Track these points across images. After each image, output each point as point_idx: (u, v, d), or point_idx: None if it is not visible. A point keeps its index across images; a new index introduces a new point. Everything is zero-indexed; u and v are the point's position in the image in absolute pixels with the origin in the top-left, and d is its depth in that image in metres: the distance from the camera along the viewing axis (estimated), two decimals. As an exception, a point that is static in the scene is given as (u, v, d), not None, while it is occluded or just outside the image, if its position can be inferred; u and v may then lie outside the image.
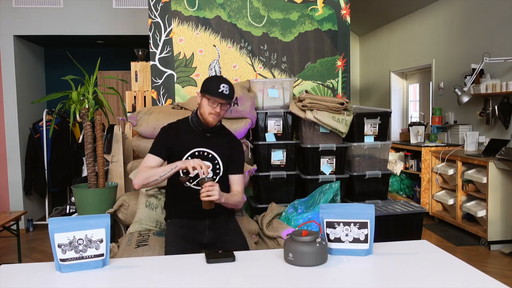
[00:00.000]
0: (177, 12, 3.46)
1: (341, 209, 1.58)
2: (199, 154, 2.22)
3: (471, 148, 4.89)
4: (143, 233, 2.62)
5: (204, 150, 2.24)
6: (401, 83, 7.27)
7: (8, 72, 5.21)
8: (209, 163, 2.20)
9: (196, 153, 2.22)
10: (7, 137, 5.24)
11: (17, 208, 5.24)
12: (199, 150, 2.23)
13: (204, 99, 2.19)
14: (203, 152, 2.24)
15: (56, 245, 1.43)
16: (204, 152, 2.24)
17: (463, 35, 5.34)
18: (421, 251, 1.61)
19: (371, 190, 3.24)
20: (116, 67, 6.15)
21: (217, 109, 2.18)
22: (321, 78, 3.62)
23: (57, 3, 5.12)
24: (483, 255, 4.11)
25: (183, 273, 1.45)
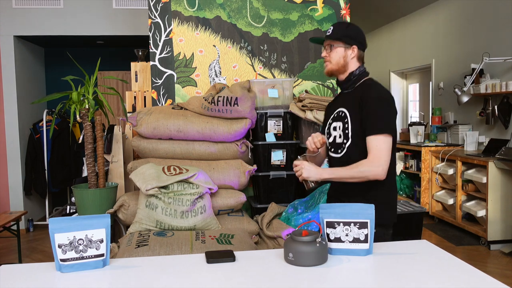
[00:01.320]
0: (177, 12, 3.46)
1: (341, 209, 1.58)
2: (336, 116, 1.99)
3: (471, 148, 4.90)
4: (143, 233, 2.62)
5: (340, 109, 1.97)
6: (401, 83, 7.27)
7: (8, 73, 5.21)
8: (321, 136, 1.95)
9: (335, 114, 2.00)
10: (7, 137, 5.24)
11: (18, 208, 5.24)
12: (338, 111, 1.99)
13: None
14: (339, 112, 1.98)
15: (57, 245, 1.43)
16: (340, 111, 1.97)
17: (462, 35, 5.34)
18: (421, 251, 1.61)
19: (371, 190, 3.24)
20: (116, 67, 6.15)
21: (323, 54, 1.98)
22: (321, 78, 3.63)
23: (57, 4, 5.12)
24: (483, 255, 4.11)
25: (183, 273, 1.45)
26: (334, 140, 1.97)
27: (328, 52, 1.95)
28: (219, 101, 3.04)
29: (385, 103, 1.86)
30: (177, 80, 3.49)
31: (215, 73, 3.51)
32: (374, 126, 1.82)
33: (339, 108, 1.98)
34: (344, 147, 1.91)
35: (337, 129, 1.95)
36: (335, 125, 1.98)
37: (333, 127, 1.98)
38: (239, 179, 3.02)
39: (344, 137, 1.91)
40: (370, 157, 1.81)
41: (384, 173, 1.81)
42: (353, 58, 1.94)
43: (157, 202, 2.70)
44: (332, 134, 1.98)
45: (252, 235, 2.84)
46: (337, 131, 1.95)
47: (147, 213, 2.69)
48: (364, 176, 1.81)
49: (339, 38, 1.92)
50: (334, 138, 1.97)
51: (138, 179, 2.72)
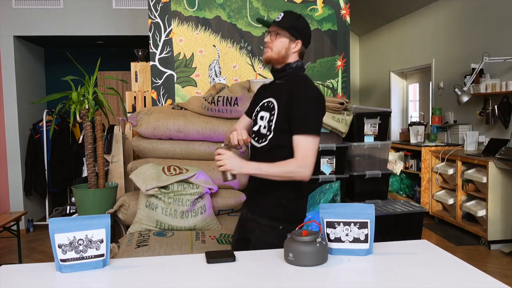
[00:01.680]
0: (177, 12, 3.46)
1: (341, 209, 1.58)
2: (265, 105, 1.92)
3: (471, 148, 4.90)
4: (143, 233, 2.62)
5: (269, 100, 1.90)
6: (401, 83, 7.27)
7: (8, 73, 5.21)
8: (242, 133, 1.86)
9: (264, 104, 1.93)
10: (7, 138, 5.24)
11: (17, 208, 5.24)
12: (266, 101, 1.92)
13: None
14: (268, 102, 1.91)
15: (57, 246, 1.43)
16: (269, 102, 1.90)
17: (462, 35, 5.34)
18: (421, 251, 1.61)
19: (371, 190, 3.24)
20: (116, 67, 6.15)
21: (267, 39, 1.89)
22: (321, 78, 3.63)
23: (57, 4, 5.12)
24: (483, 255, 4.11)
25: (183, 273, 1.45)
26: (259, 129, 1.91)
27: (273, 39, 1.88)
28: (219, 101, 3.04)
29: (316, 103, 1.80)
30: (177, 80, 3.49)
31: (215, 73, 3.51)
32: (304, 126, 1.76)
33: (269, 98, 1.91)
34: (266, 139, 1.86)
35: (264, 119, 1.89)
36: (262, 115, 1.91)
37: (260, 116, 1.92)
38: (239, 179, 3.02)
39: (268, 129, 1.85)
40: (298, 158, 1.74)
41: (310, 174, 1.76)
42: (294, 52, 1.91)
43: (157, 202, 2.70)
44: (258, 123, 1.92)
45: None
46: (263, 122, 1.89)
47: (147, 213, 2.69)
48: (291, 176, 1.75)
49: (287, 28, 1.87)
50: (259, 127, 1.91)
51: (138, 179, 2.72)
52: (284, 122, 1.80)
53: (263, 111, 1.91)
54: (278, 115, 1.81)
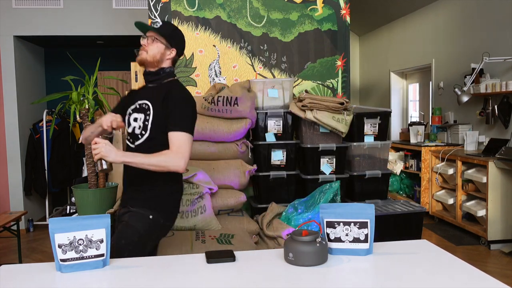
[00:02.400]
0: (177, 12, 3.46)
1: (341, 209, 1.58)
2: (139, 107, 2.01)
3: (471, 148, 4.90)
4: (143, 233, 2.62)
5: (144, 102, 2.00)
6: (401, 83, 7.27)
7: (8, 73, 5.21)
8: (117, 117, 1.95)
9: (137, 105, 2.02)
10: (7, 138, 5.24)
11: (18, 208, 5.24)
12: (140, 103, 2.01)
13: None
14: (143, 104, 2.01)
15: (57, 245, 1.43)
16: (144, 104, 2.00)
17: (462, 34, 5.34)
18: (421, 251, 1.61)
19: (371, 189, 3.24)
20: (116, 67, 6.15)
21: (143, 42, 2.02)
22: (321, 78, 3.63)
23: (57, 4, 5.12)
24: (483, 255, 4.11)
25: (183, 273, 1.45)
26: (133, 130, 2.00)
27: (149, 43, 2.00)
28: (219, 101, 3.04)
29: (190, 105, 1.95)
30: (177, 80, 3.49)
31: (215, 73, 3.51)
32: (179, 123, 1.88)
33: (142, 100, 2.00)
34: (141, 138, 1.96)
35: (138, 120, 1.98)
36: (136, 116, 1.99)
37: (134, 118, 2.00)
38: (239, 179, 3.02)
39: (143, 129, 1.95)
40: (173, 149, 1.84)
41: (184, 166, 1.85)
42: (169, 59, 2.03)
43: (157, 202, 2.70)
44: (132, 124, 2.00)
45: (252, 235, 2.84)
46: (137, 122, 1.98)
47: (147, 213, 2.69)
48: (165, 166, 1.83)
49: (165, 35, 2.00)
50: (134, 128, 2.00)
51: (138, 179, 2.71)
52: (160, 121, 1.92)
53: (136, 113, 2.00)
54: (154, 115, 1.93)
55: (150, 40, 1.99)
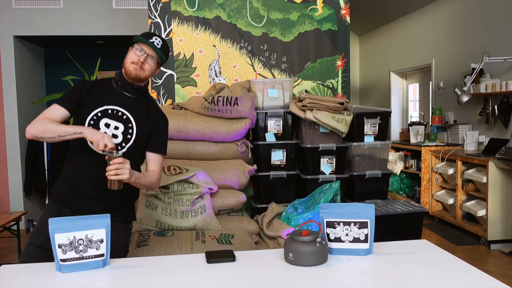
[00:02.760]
0: (177, 12, 3.46)
1: (341, 209, 1.58)
2: (111, 113, 1.91)
3: (471, 148, 4.90)
4: (143, 233, 2.63)
5: (117, 109, 1.92)
6: (401, 82, 7.27)
7: (8, 73, 5.21)
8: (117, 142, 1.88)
9: (109, 111, 1.91)
10: (7, 138, 5.24)
11: (18, 208, 5.24)
12: (112, 108, 1.91)
13: (131, 50, 1.92)
14: (117, 112, 1.92)
15: (57, 246, 1.43)
16: (118, 111, 1.92)
17: (462, 34, 5.34)
18: (421, 251, 1.61)
19: (371, 189, 3.24)
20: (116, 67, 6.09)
21: (141, 58, 1.88)
22: (321, 78, 3.63)
23: (57, 4, 5.12)
24: (483, 255, 4.11)
25: (183, 273, 1.45)
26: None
27: (150, 63, 1.92)
28: (219, 101, 3.04)
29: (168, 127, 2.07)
30: (177, 80, 3.49)
31: (215, 73, 3.51)
32: (164, 147, 2.01)
33: (115, 107, 1.92)
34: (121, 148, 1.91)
35: (117, 129, 1.90)
36: (115, 124, 1.91)
37: (106, 123, 1.90)
38: (239, 179, 3.02)
39: (124, 141, 1.91)
40: (158, 172, 1.96)
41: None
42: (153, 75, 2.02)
43: (157, 202, 2.70)
44: (102, 129, 1.89)
45: (252, 235, 2.84)
46: (116, 131, 1.90)
47: (147, 213, 2.69)
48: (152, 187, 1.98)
49: (162, 56, 1.96)
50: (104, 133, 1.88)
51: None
52: (142, 137, 1.95)
53: (111, 119, 1.91)
54: (138, 130, 1.93)
55: (150, 60, 1.92)
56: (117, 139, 1.90)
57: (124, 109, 1.93)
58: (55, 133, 1.80)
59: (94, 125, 1.89)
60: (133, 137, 1.92)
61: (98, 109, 1.91)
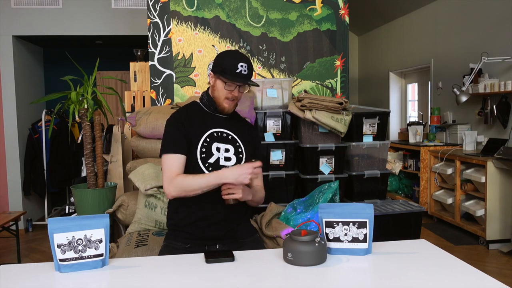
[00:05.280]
0: (176, 12, 3.46)
1: (340, 208, 1.58)
2: (218, 136, 1.90)
3: (469, 148, 4.90)
4: (142, 233, 2.62)
5: (222, 130, 1.92)
6: (400, 82, 7.28)
7: (7, 73, 5.20)
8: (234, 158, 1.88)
9: (215, 134, 1.90)
10: (6, 138, 5.24)
11: (16, 208, 5.24)
12: (217, 131, 1.91)
13: (219, 81, 1.85)
14: (222, 133, 1.92)
15: (55, 245, 1.43)
16: (223, 133, 1.92)
17: (461, 34, 5.35)
18: (420, 251, 1.61)
19: (370, 189, 3.25)
20: (115, 67, 6.15)
21: (234, 93, 1.86)
22: (320, 78, 3.63)
23: (56, 4, 5.12)
24: (482, 254, 4.12)
25: (182, 273, 1.45)
26: (218, 161, 1.89)
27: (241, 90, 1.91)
28: (218, 101, 3.03)
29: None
30: (176, 80, 3.49)
31: (214, 73, 3.51)
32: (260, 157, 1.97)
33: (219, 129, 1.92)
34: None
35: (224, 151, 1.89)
36: (219, 146, 1.90)
37: (217, 147, 1.89)
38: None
39: (238, 161, 1.91)
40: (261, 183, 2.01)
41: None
42: None
43: (156, 202, 2.70)
44: (215, 154, 1.89)
45: (251, 235, 2.83)
46: (225, 154, 1.89)
47: (146, 213, 2.69)
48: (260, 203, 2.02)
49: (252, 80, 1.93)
50: (218, 159, 1.89)
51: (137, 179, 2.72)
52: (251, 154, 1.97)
53: (219, 142, 1.90)
54: (246, 149, 1.95)
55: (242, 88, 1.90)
56: (231, 161, 1.89)
57: (228, 130, 1.93)
58: (197, 189, 1.79)
59: (206, 154, 1.87)
60: (244, 156, 1.93)
61: (204, 135, 1.89)
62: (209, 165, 1.87)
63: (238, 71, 1.81)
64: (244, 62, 1.83)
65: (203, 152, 1.86)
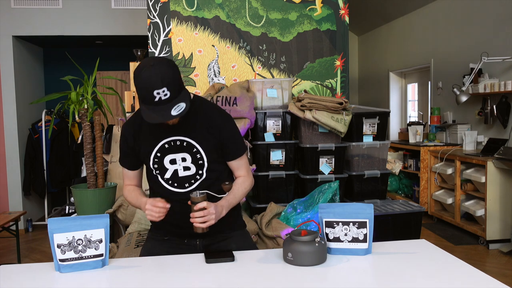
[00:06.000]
0: (176, 12, 3.46)
1: (340, 208, 1.58)
2: (170, 146, 1.69)
3: (469, 148, 4.90)
4: (142, 233, 2.63)
5: (175, 139, 1.69)
6: (400, 82, 7.28)
7: (7, 73, 5.20)
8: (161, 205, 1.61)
9: (166, 145, 1.69)
10: (6, 138, 5.24)
11: (16, 208, 5.24)
12: (169, 141, 1.69)
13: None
14: (175, 142, 1.69)
15: (56, 246, 1.43)
16: (176, 141, 1.69)
17: (461, 34, 5.35)
18: (420, 251, 1.61)
19: (370, 189, 3.25)
20: (115, 67, 6.15)
21: (168, 122, 1.63)
22: (320, 78, 3.63)
23: (56, 4, 5.12)
24: (482, 254, 4.11)
25: (182, 273, 1.45)
26: (176, 173, 1.71)
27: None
28: (218, 101, 3.04)
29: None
30: (176, 80, 3.49)
31: (214, 73, 3.51)
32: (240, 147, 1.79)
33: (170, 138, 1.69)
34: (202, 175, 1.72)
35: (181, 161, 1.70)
36: (173, 158, 1.69)
37: (170, 160, 1.70)
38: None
39: (199, 168, 1.71)
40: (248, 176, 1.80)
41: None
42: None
43: (156, 202, 2.70)
44: (170, 169, 1.71)
45: (251, 235, 2.84)
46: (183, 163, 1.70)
47: (146, 213, 2.69)
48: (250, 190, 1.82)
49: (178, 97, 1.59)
50: (176, 171, 1.71)
51: (137, 179, 2.71)
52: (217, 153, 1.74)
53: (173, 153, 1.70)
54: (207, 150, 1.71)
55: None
56: (190, 170, 1.70)
57: (182, 136, 1.69)
58: (135, 206, 1.79)
59: (159, 170, 1.71)
60: (205, 160, 1.71)
61: (155, 148, 1.69)
62: (167, 179, 1.72)
63: (157, 99, 1.48)
64: (159, 87, 1.47)
65: (156, 169, 1.71)
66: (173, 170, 1.70)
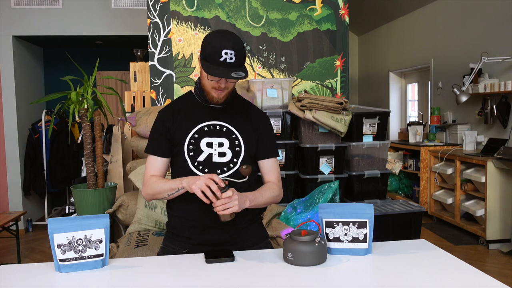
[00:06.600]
0: (176, 12, 3.46)
1: (340, 208, 1.58)
2: (209, 129, 1.68)
3: (469, 148, 4.90)
4: (142, 233, 2.63)
5: (215, 123, 1.69)
6: (400, 82, 7.28)
7: (7, 73, 5.20)
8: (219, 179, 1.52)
9: (205, 128, 1.68)
10: (6, 138, 5.24)
11: (16, 208, 5.24)
12: (208, 125, 1.68)
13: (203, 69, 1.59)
14: (214, 126, 1.68)
15: (56, 246, 1.43)
16: (216, 125, 1.69)
17: (461, 34, 5.35)
18: (420, 251, 1.61)
19: (370, 189, 3.25)
20: (115, 67, 6.15)
21: (221, 84, 1.61)
22: (320, 78, 3.63)
23: (56, 4, 5.12)
24: (482, 254, 4.11)
25: (182, 273, 1.45)
26: (210, 158, 1.67)
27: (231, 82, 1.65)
28: (218, 101, 3.04)
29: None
30: (176, 80, 3.49)
31: (214, 73, 3.51)
32: (275, 149, 1.79)
33: (212, 121, 1.69)
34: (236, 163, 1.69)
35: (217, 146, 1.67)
36: (210, 141, 1.67)
37: (207, 143, 1.67)
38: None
39: (235, 156, 1.68)
40: (278, 184, 1.75)
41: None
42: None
43: (156, 202, 2.70)
44: (205, 151, 1.67)
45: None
46: (219, 149, 1.67)
47: (146, 213, 2.69)
48: (276, 202, 1.74)
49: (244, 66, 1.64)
50: (210, 155, 1.67)
51: (137, 179, 2.72)
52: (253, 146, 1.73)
53: (211, 137, 1.68)
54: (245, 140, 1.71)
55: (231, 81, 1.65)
56: (225, 157, 1.67)
57: (222, 122, 1.69)
58: (165, 194, 1.64)
59: (194, 151, 1.66)
60: (242, 149, 1.69)
61: (193, 130, 1.67)
62: (199, 163, 1.66)
63: (222, 59, 1.52)
64: (230, 48, 1.52)
65: (191, 150, 1.66)
66: (208, 154, 1.66)
